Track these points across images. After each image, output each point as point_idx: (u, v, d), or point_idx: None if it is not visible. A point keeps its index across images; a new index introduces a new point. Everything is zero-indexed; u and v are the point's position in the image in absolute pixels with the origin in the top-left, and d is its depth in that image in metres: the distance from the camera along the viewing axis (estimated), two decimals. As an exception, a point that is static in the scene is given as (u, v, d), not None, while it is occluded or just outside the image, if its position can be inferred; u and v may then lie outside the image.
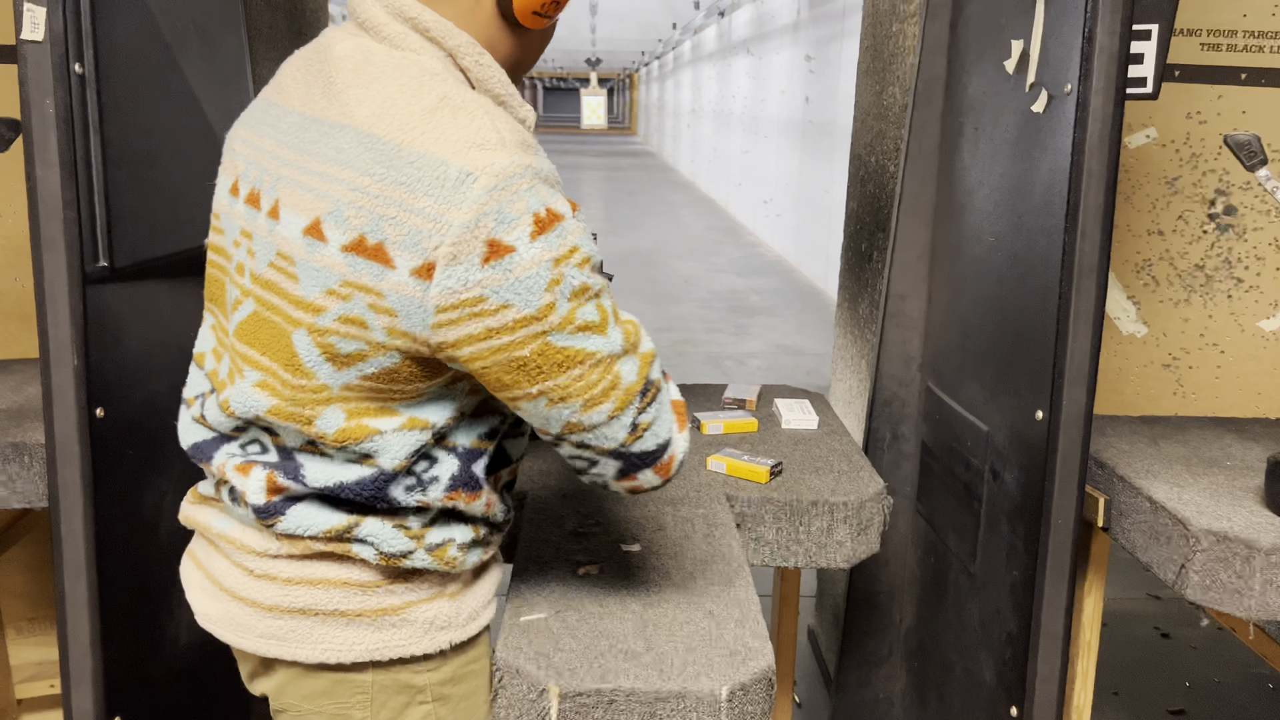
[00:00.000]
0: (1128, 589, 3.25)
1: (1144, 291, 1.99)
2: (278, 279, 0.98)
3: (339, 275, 0.93)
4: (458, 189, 0.90)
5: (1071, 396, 1.41)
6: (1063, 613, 1.47)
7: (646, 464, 1.05)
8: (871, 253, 2.49)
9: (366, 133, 0.94)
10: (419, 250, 0.90)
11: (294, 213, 0.97)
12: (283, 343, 0.98)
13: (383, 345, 0.94)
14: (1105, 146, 1.36)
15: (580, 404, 0.98)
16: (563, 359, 0.95)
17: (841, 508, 1.61)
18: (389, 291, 0.92)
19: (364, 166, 0.93)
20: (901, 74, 2.27)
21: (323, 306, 0.94)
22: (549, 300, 0.92)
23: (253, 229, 1.02)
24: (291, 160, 0.99)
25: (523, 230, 0.91)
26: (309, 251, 0.95)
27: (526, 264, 0.91)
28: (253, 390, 1.01)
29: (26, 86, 1.31)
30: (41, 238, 1.33)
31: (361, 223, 0.92)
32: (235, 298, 1.04)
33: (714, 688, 1.10)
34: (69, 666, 1.43)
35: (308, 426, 0.98)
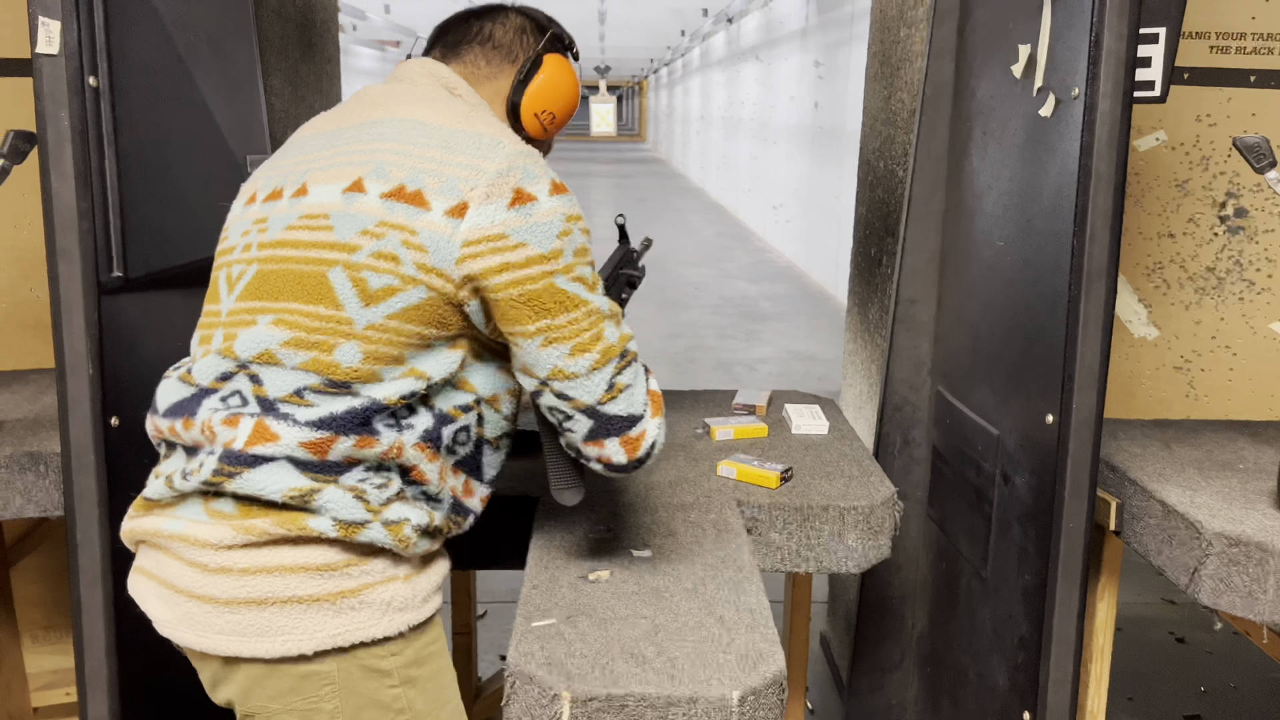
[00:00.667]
0: (1142, 593, 3.23)
1: (1155, 294, 1.98)
2: (300, 235, 1.11)
3: (375, 217, 1.08)
4: (491, 149, 1.11)
5: (1082, 400, 1.41)
6: (1075, 617, 1.47)
7: (614, 431, 1.17)
8: (881, 257, 2.49)
9: (409, 118, 1.15)
10: (455, 193, 1.08)
11: (328, 184, 1.12)
12: (309, 283, 1.09)
13: (412, 279, 1.08)
14: (1113, 150, 1.36)
15: (569, 348, 1.13)
16: (563, 299, 1.11)
17: (852, 513, 1.61)
18: (422, 229, 1.08)
19: (408, 138, 1.13)
20: (909, 79, 2.28)
21: (357, 245, 1.08)
22: (558, 246, 1.11)
23: (268, 215, 1.16)
24: (323, 155, 1.16)
25: (543, 186, 1.11)
26: (346, 203, 1.10)
27: (544, 212, 1.10)
28: (268, 328, 1.10)
29: (42, 99, 1.33)
30: (57, 249, 1.35)
31: (403, 175, 1.10)
32: (236, 274, 1.16)
33: (725, 693, 1.10)
34: (85, 674, 1.44)
35: (325, 355, 1.08)
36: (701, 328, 6.95)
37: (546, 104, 1.33)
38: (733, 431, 1.90)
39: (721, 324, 7.10)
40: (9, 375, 2.00)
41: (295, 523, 1.07)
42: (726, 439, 1.90)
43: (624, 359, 1.17)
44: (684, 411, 2.05)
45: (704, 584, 1.34)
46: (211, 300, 1.19)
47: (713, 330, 6.89)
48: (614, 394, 1.16)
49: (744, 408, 2.06)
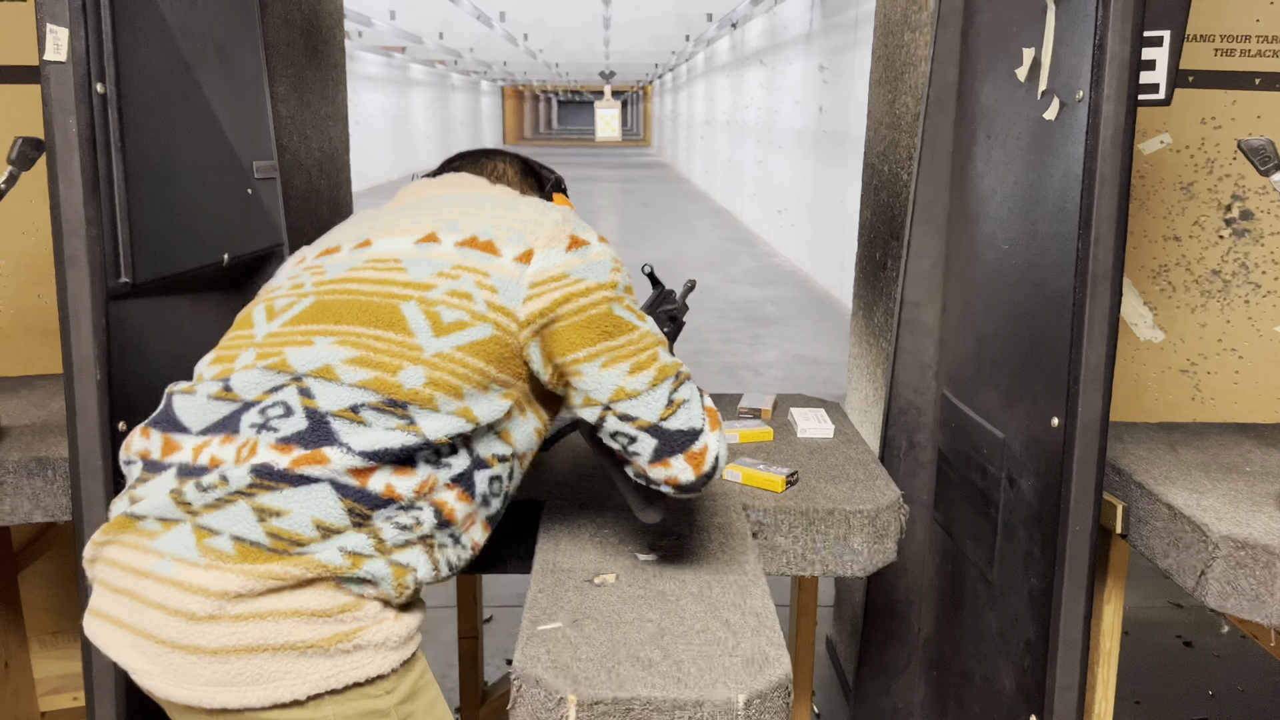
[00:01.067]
0: (1149, 597, 3.22)
1: (1160, 297, 1.98)
2: (368, 273, 1.19)
3: (451, 261, 1.18)
4: (547, 209, 1.26)
5: (1087, 402, 1.41)
6: (1081, 620, 1.47)
7: (679, 447, 1.22)
8: (886, 261, 2.49)
9: (471, 192, 1.31)
10: (521, 242, 1.20)
11: (397, 237, 1.22)
12: (379, 310, 1.15)
13: (482, 316, 1.16)
14: (1118, 153, 1.36)
15: (629, 367, 1.20)
16: (620, 322, 1.21)
17: (858, 516, 1.61)
18: (494, 272, 1.18)
19: (473, 203, 1.27)
20: (914, 83, 2.28)
21: (433, 284, 1.16)
22: (614, 278, 1.23)
23: (324, 264, 1.23)
24: (384, 221, 1.26)
25: (593, 235, 1.24)
26: (421, 250, 1.20)
27: (596, 254, 1.22)
28: (329, 347, 1.12)
29: (50, 106, 1.33)
30: (65, 254, 1.35)
31: (474, 228, 1.21)
32: (282, 305, 1.19)
33: (731, 696, 1.10)
34: (92, 678, 1.44)
35: (389, 375, 1.11)
36: (706, 332, 6.95)
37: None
38: (738, 435, 1.90)
39: (726, 328, 7.10)
40: (16, 381, 2.01)
41: (301, 563, 1.03)
42: (732, 442, 1.90)
43: (679, 378, 1.23)
44: (689, 415, 2.06)
45: (709, 587, 1.34)
46: (241, 327, 1.21)
47: (718, 334, 6.89)
48: (674, 409, 1.22)
49: (749, 411, 2.06)
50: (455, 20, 13.75)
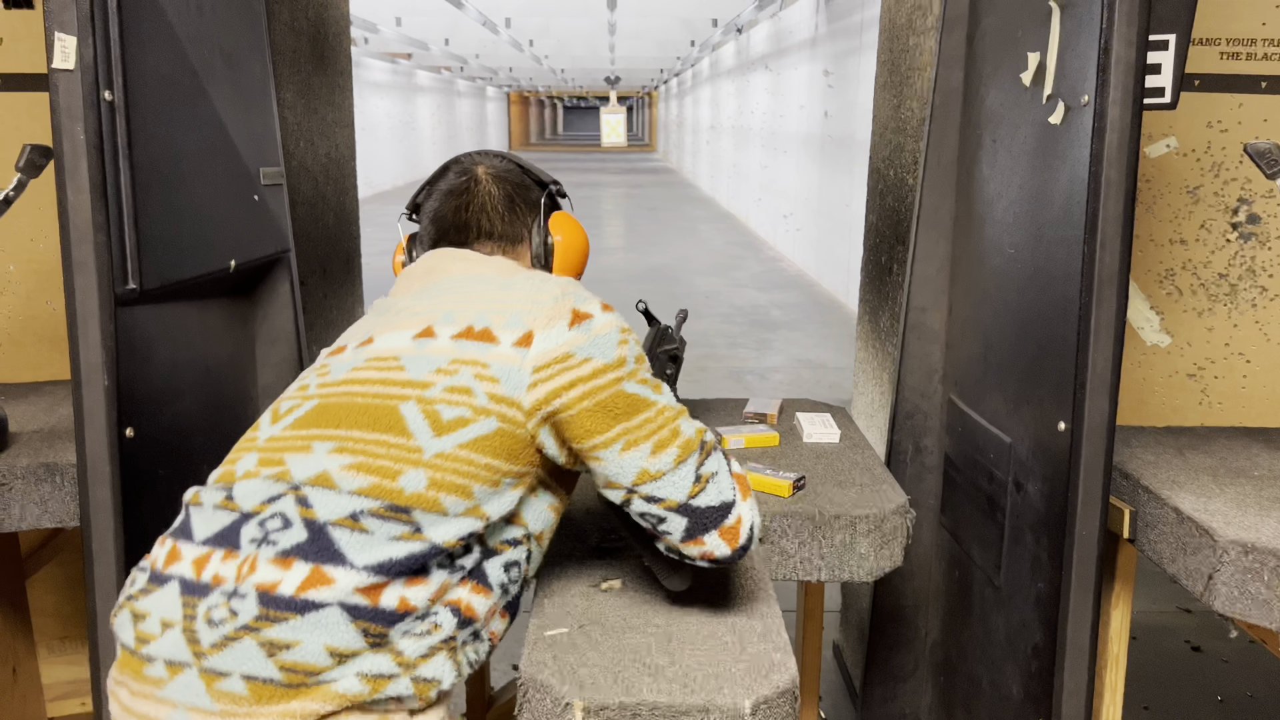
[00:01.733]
0: (1158, 602, 3.21)
1: (1167, 301, 1.97)
2: (369, 374, 1.15)
3: (448, 356, 1.14)
4: (544, 283, 1.20)
5: (1094, 407, 1.41)
6: (1089, 625, 1.46)
7: (712, 523, 1.17)
8: (892, 265, 2.49)
9: (465, 274, 1.25)
10: (520, 325, 1.15)
11: (395, 333, 1.19)
12: (377, 413, 1.11)
13: (484, 410, 1.11)
14: (1123, 156, 1.36)
15: (650, 447, 1.15)
16: (634, 401, 1.15)
17: (864, 521, 1.61)
18: (493, 361, 1.13)
19: (467, 287, 1.22)
20: (919, 87, 2.28)
21: (431, 381, 1.12)
22: (621, 354, 1.17)
23: (329, 364, 1.21)
24: (385, 318, 1.23)
25: (595, 306, 1.19)
26: (418, 347, 1.16)
27: (601, 325, 1.17)
28: (328, 455, 1.09)
29: (58, 114, 1.34)
30: (73, 261, 1.36)
31: (469, 317, 1.16)
32: (286, 409, 1.17)
33: (737, 702, 1.10)
34: (100, 685, 1.45)
35: (389, 481, 1.07)
36: (712, 336, 6.95)
37: (572, 273, 1.42)
38: (744, 440, 1.90)
39: (732, 333, 7.10)
40: (25, 387, 2.02)
41: (319, 696, 0.99)
42: (738, 447, 1.90)
43: (704, 450, 1.18)
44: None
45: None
46: (250, 432, 1.18)
47: (724, 339, 6.89)
48: (702, 484, 1.16)
49: (755, 416, 2.06)
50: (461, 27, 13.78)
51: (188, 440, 1.64)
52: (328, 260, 2.58)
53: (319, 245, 2.51)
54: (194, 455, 1.66)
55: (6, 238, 1.99)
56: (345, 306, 2.75)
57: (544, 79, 29.85)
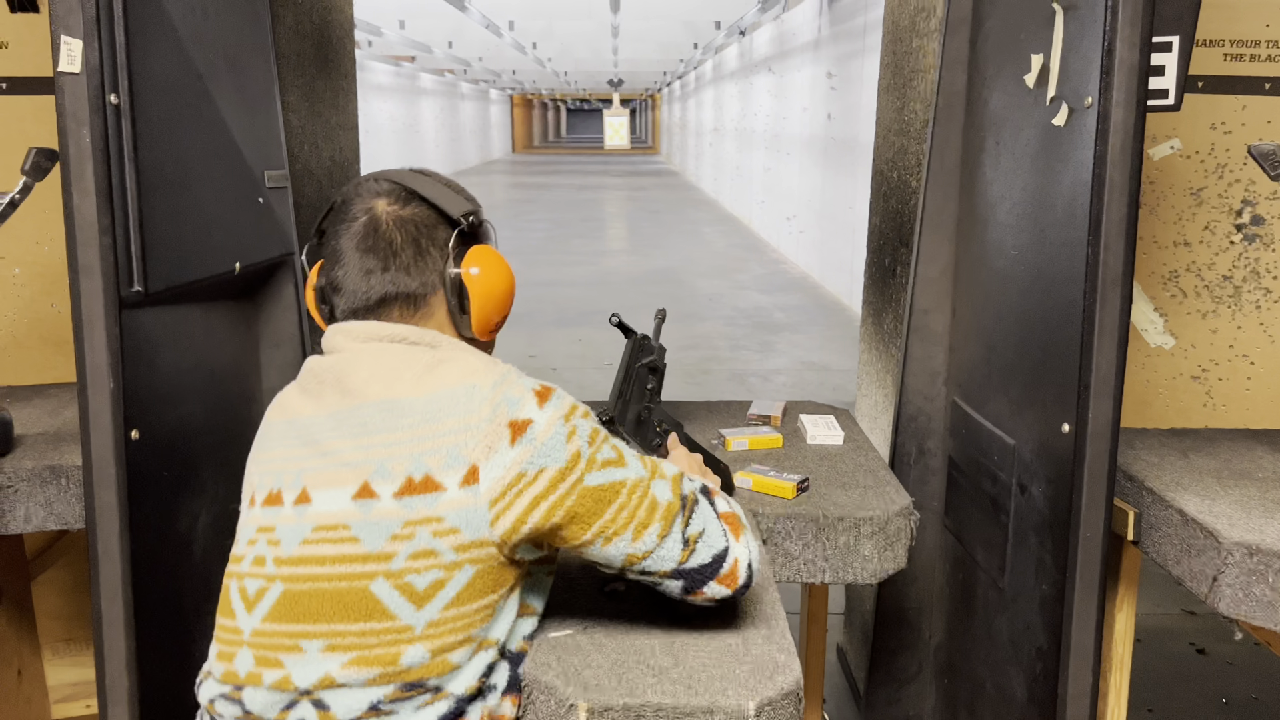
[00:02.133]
0: (1162, 604, 3.21)
1: (1171, 303, 1.97)
2: (323, 550, 1.09)
3: (398, 519, 1.07)
4: (470, 399, 1.09)
5: (1098, 408, 1.41)
6: (1093, 627, 1.46)
7: (709, 576, 1.15)
8: (895, 268, 2.49)
9: (383, 399, 1.11)
10: (460, 461, 1.07)
11: (332, 489, 1.10)
12: (351, 600, 1.07)
13: (455, 564, 1.07)
14: (1127, 158, 1.36)
15: (630, 534, 1.12)
16: (603, 494, 1.10)
17: (868, 523, 1.61)
18: (446, 513, 1.07)
19: (392, 424, 1.09)
20: (922, 90, 2.28)
21: (391, 552, 1.07)
22: (574, 450, 1.10)
23: (274, 522, 1.13)
24: (310, 453, 1.13)
25: (530, 404, 1.10)
26: (363, 511, 1.08)
27: (544, 429, 1.09)
28: (322, 655, 1.07)
29: (64, 117, 1.35)
30: (79, 264, 1.36)
31: (405, 466, 1.07)
32: (254, 591, 1.12)
33: (742, 703, 1.10)
34: (105, 685, 1.45)
35: (391, 666, 1.06)
36: (715, 339, 6.95)
37: (495, 317, 1.24)
38: (748, 442, 1.90)
39: (735, 335, 7.10)
40: (30, 390, 2.02)
41: None
42: (742, 449, 1.90)
43: (685, 507, 1.15)
44: (699, 423, 2.06)
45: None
46: (225, 614, 1.16)
47: (727, 341, 6.89)
48: (691, 547, 1.14)
49: (759, 418, 2.06)
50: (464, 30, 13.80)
51: (192, 442, 1.64)
52: (332, 263, 2.59)
53: (323, 248, 2.51)
54: (198, 457, 1.66)
55: (11, 240, 1.99)
56: (349, 309, 2.75)
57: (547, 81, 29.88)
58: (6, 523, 1.63)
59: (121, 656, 1.45)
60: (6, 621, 2.05)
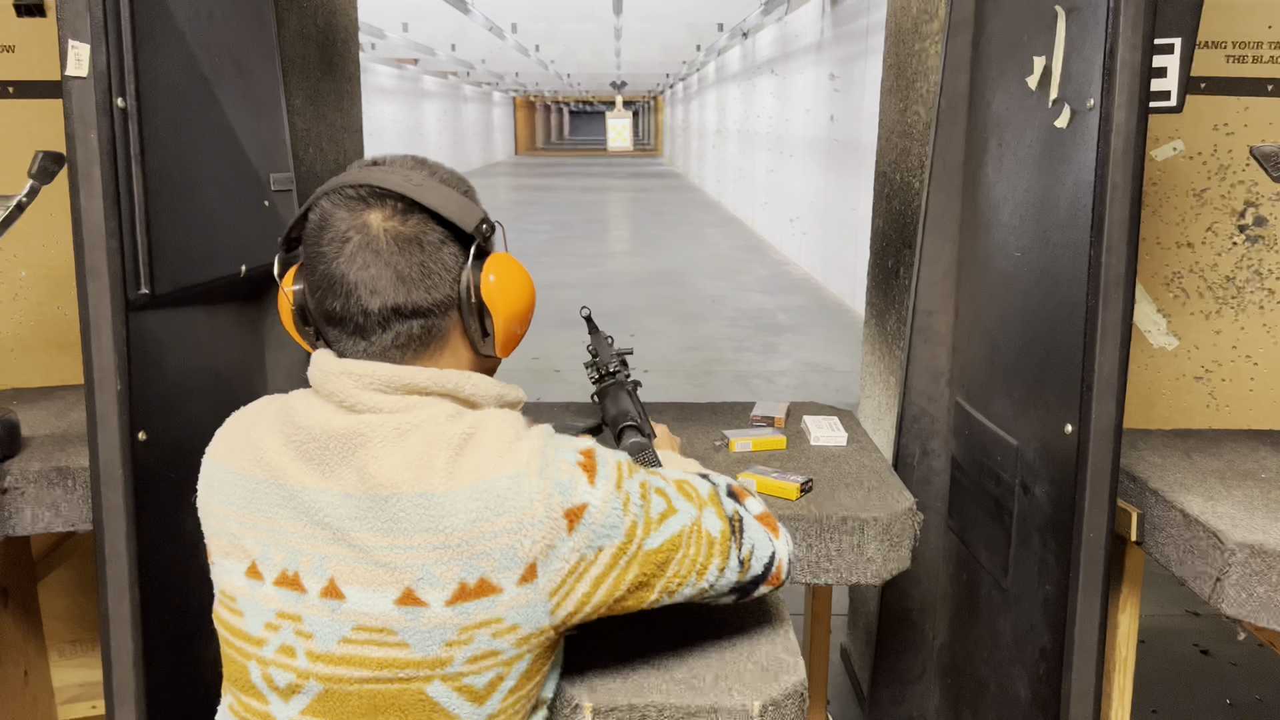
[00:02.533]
0: (1165, 606, 3.21)
1: (1174, 304, 1.98)
2: (368, 652, 0.99)
3: (455, 625, 0.98)
4: (518, 495, 0.98)
5: (1101, 409, 1.41)
6: (1097, 627, 1.46)
7: (759, 583, 1.14)
8: (898, 269, 2.50)
9: (417, 494, 0.98)
10: (516, 562, 0.97)
11: (368, 589, 0.99)
12: (406, 702, 1.00)
13: (515, 657, 1.01)
14: (1129, 160, 1.36)
15: (694, 577, 1.07)
16: (664, 556, 1.04)
17: (872, 524, 1.61)
18: (506, 614, 0.99)
19: (430, 525, 0.97)
20: (925, 92, 2.29)
21: (448, 658, 0.99)
22: (630, 521, 1.02)
23: (299, 611, 1.01)
24: (331, 541, 1.00)
25: (581, 484, 1.00)
26: (410, 618, 0.98)
27: (599, 509, 1.00)
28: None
29: (71, 120, 1.35)
30: (86, 266, 1.37)
31: (456, 572, 0.97)
32: (289, 682, 1.02)
33: (746, 703, 1.11)
34: (112, 685, 1.46)
35: None
36: (719, 340, 6.96)
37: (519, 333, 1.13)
38: (751, 443, 1.91)
39: (739, 336, 7.11)
40: (37, 392, 2.03)
41: None
42: (745, 451, 1.90)
43: (734, 530, 1.11)
44: (702, 424, 2.06)
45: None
46: (247, 692, 1.06)
47: (730, 343, 6.90)
48: (748, 565, 1.12)
49: (762, 420, 2.07)
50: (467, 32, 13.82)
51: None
52: (336, 265, 2.59)
53: (328, 250, 2.52)
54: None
55: (19, 243, 2.00)
56: (354, 311, 2.76)
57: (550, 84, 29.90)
58: (14, 524, 1.64)
59: (129, 657, 1.46)
60: (13, 623, 2.06)
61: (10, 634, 2.04)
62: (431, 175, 1.08)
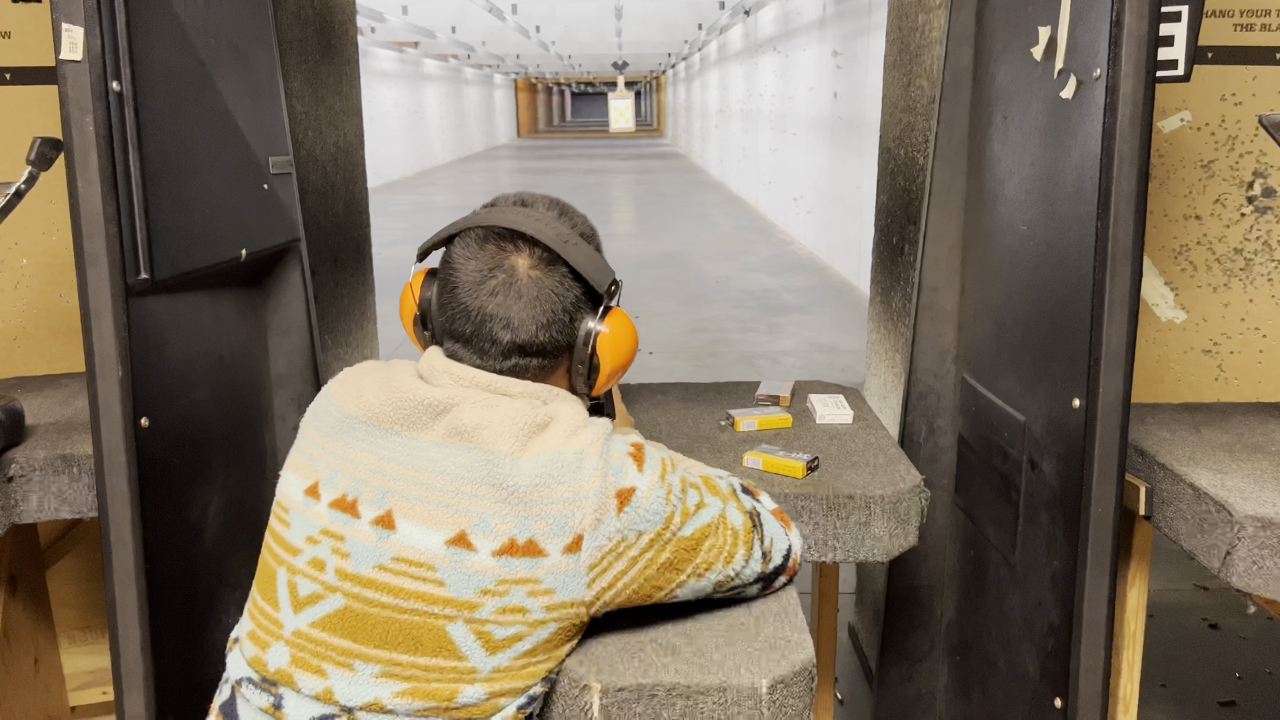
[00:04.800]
0: (1174, 580, 3.20)
1: (1182, 277, 1.96)
2: (402, 582, 1.06)
3: (494, 576, 1.05)
4: (579, 470, 1.07)
5: (1108, 383, 1.40)
6: (1105, 602, 1.46)
7: (780, 574, 1.24)
8: (903, 246, 2.48)
9: (492, 450, 1.07)
10: (566, 531, 1.06)
11: (423, 525, 1.06)
12: (423, 635, 1.05)
13: (540, 622, 1.07)
14: (1136, 130, 1.34)
15: (721, 563, 1.16)
16: (694, 542, 1.13)
17: (879, 501, 1.61)
18: (545, 576, 1.06)
19: (497, 480, 1.06)
20: (929, 65, 2.26)
21: (479, 603, 1.05)
22: (669, 511, 1.11)
23: (344, 532, 1.08)
24: (405, 475, 1.08)
25: (631, 470, 1.10)
26: (455, 559, 1.05)
27: (646, 493, 1.09)
28: (375, 680, 1.05)
29: (67, 105, 1.34)
30: (85, 253, 1.36)
31: (509, 528, 1.05)
32: (311, 592, 1.09)
33: (754, 681, 1.10)
34: (120, 671, 1.46)
35: (446, 701, 1.05)
36: (723, 321, 6.95)
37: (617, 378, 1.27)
38: (757, 422, 1.90)
39: (743, 317, 7.09)
40: (41, 380, 2.03)
41: None
42: (751, 430, 1.90)
43: (754, 524, 1.21)
44: (707, 404, 2.05)
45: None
46: (267, 598, 1.12)
47: (735, 324, 6.88)
48: (770, 557, 1.22)
49: (767, 399, 2.06)
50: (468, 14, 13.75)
51: (203, 430, 1.65)
52: (339, 249, 2.59)
53: (329, 234, 2.51)
54: (209, 445, 1.67)
55: (19, 231, 2.00)
56: (357, 295, 2.76)
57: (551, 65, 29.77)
58: (20, 512, 1.64)
59: (136, 642, 1.46)
60: (22, 610, 2.06)
61: (20, 622, 2.04)
62: (574, 229, 1.20)
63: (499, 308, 1.14)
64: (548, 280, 1.16)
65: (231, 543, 1.72)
